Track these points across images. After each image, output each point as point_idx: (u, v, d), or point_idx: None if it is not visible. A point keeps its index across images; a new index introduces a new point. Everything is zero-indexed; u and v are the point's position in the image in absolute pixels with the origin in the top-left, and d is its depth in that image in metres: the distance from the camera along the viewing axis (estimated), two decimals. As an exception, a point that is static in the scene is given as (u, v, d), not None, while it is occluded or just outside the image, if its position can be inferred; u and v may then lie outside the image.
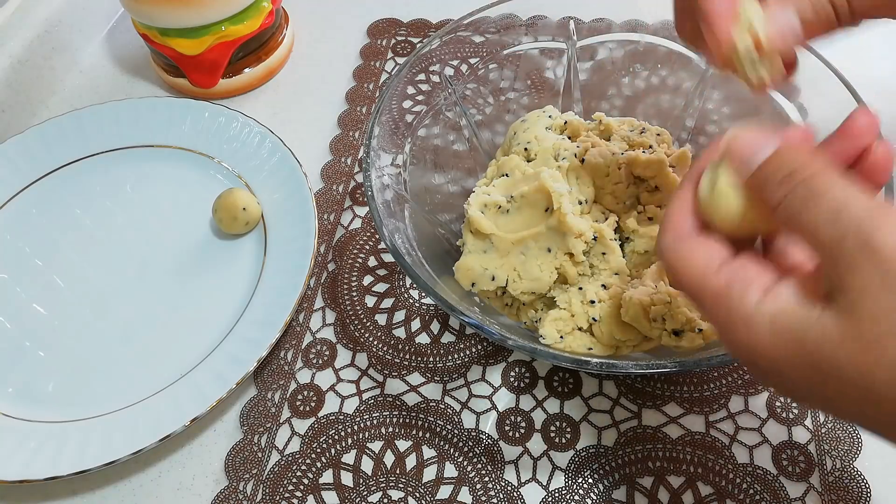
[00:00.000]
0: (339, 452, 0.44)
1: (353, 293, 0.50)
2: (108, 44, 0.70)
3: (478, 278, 0.42)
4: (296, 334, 0.49)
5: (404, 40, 0.67)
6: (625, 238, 0.44)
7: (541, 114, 0.49)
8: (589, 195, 0.43)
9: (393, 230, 0.41)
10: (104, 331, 0.49)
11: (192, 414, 0.43)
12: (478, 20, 0.49)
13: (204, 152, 0.58)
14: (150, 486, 0.43)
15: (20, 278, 0.52)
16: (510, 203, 0.42)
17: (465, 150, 0.51)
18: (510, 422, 0.44)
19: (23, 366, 0.48)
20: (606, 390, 0.45)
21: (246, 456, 0.44)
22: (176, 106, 0.59)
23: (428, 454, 0.43)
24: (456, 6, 0.58)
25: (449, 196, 0.50)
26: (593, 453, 0.43)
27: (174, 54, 0.60)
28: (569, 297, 0.41)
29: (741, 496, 0.41)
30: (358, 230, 0.54)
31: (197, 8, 0.57)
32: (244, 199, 0.52)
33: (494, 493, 0.42)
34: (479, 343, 0.47)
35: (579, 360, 0.36)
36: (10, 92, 0.62)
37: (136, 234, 0.54)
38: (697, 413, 0.44)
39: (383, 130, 0.45)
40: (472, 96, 0.52)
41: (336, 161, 0.58)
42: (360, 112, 0.62)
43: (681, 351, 0.39)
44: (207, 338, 0.48)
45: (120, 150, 0.58)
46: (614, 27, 0.51)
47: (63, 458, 0.42)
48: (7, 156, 0.57)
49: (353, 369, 0.47)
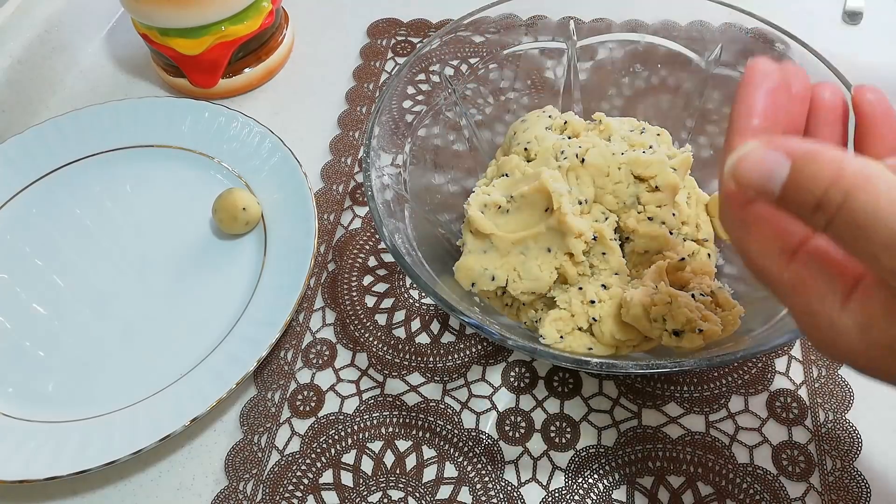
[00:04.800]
0: (339, 452, 0.44)
1: (353, 293, 0.50)
2: (108, 44, 0.70)
3: (478, 278, 0.42)
4: (296, 334, 0.49)
5: (404, 40, 0.67)
6: (625, 238, 0.44)
7: (541, 114, 0.48)
8: (589, 195, 0.43)
9: (393, 230, 0.41)
10: (104, 331, 0.49)
11: (192, 414, 0.43)
12: (478, 20, 0.49)
13: (204, 152, 0.58)
14: (150, 486, 0.43)
15: (20, 278, 0.52)
16: (510, 203, 0.42)
17: (465, 150, 0.51)
18: (510, 422, 0.44)
19: (23, 366, 0.48)
20: (606, 390, 0.45)
21: (246, 456, 0.44)
22: (176, 106, 0.59)
23: (428, 454, 0.43)
24: (456, 6, 0.58)
25: (449, 196, 0.50)
26: (593, 453, 0.43)
27: (174, 54, 0.60)
28: (569, 297, 0.41)
29: (741, 496, 0.41)
30: (358, 230, 0.54)
31: (197, 8, 0.57)
32: (244, 199, 0.52)
33: (494, 493, 0.42)
34: (479, 343, 0.47)
35: (579, 360, 0.35)
36: (10, 92, 0.62)
37: (136, 234, 0.54)
38: (697, 413, 0.44)
39: (383, 130, 0.45)
40: (472, 96, 0.52)
41: (336, 161, 0.58)
42: (360, 112, 0.62)
43: (681, 351, 0.39)
44: (207, 338, 0.48)
45: (120, 150, 0.58)
46: (614, 27, 0.51)
47: (63, 458, 0.42)
48: (7, 156, 0.57)
49: (353, 369, 0.47)
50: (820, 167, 0.22)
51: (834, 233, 0.22)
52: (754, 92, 0.27)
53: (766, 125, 0.27)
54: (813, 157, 0.23)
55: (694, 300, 0.39)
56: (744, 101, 0.27)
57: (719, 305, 0.40)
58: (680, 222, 0.44)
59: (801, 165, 0.23)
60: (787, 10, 0.66)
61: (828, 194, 0.22)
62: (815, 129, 0.30)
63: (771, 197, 0.24)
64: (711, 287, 0.41)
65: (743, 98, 0.27)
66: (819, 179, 0.22)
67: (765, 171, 0.23)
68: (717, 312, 0.40)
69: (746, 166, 0.24)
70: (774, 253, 0.26)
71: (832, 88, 0.30)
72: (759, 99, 0.27)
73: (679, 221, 0.44)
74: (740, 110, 0.27)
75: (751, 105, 0.27)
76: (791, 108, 0.29)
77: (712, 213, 0.46)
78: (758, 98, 0.27)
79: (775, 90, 0.27)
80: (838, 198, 0.22)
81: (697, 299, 0.39)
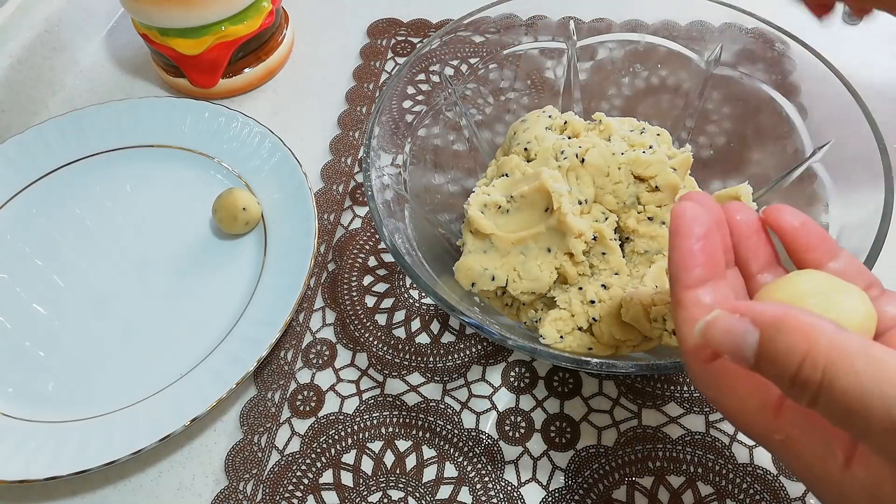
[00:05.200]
0: (339, 452, 0.44)
1: (353, 293, 0.50)
2: (108, 44, 0.70)
3: (478, 278, 0.42)
4: (296, 334, 0.49)
5: (404, 40, 0.67)
6: (625, 238, 0.44)
7: (541, 114, 0.48)
8: (589, 195, 0.43)
9: (393, 230, 0.41)
10: (104, 331, 0.49)
11: (192, 414, 0.43)
12: (478, 20, 0.49)
13: (204, 152, 0.58)
14: (150, 486, 0.43)
15: (20, 278, 0.52)
16: (510, 203, 0.42)
17: (465, 150, 0.51)
18: (510, 422, 0.44)
19: (23, 366, 0.48)
20: (606, 390, 0.45)
21: (246, 456, 0.44)
22: (176, 106, 0.59)
23: (428, 454, 0.43)
24: (456, 6, 0.58)
25: (449, 196, 0.50)
26: (593, 453, 0.43)
27: (174, 54, 0.60)
28: (569, 297, 0.41)
29: (741, 496, 0.41)
30: (358, 230, 0.54)
31: (197, 8, 0.57)
32: (244, 199, 0.52)
33: (494, 493, 0.42)
34: (479, 343, 0.47)
35: (579, 360, 0.35)
36: (10, 92, 0.62)
37: (136, 234, 0.54)
38: (697, 413, 0.44)
39: (383, 130, 0.45)
40: (472, 96, 0.52)
41: (336, 161, 0.58)
42: (360, 112, 0.62)
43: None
44: (207, 338, 0.48)
45: (120, 150, 0.58)
46: (614, 27, 0.51)
47: (63, 458, 0.42)
48: (7, 156, 0.57)
49: (353, 369, 0.47)
50: (790, 338, 0.21)
51: (822, 412, 0.21)
52: (686, 242, 0.27)
53: (707, 271, 0.27)
54: (780, 326, 0.22)
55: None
56: (679, 251, 0.27)
57: (719, 305, 0.40)
58: (680, 222, 0.44)
59: (771, 335, 0.22)
60: (787, 10, 0.66)
61: (803, 370, 0.21)
62: (742, 246, 0.30)
63: (746, 364, 0.23)
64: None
65: (677, 248, 0.27)
66: (791, 353, 0.21)
67: (735, 339, 0.23)
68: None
69: (715, 334, 0.23)
70: (755, 409, 0.25)
71: (741, 207, 0.31)
72: (694, 248, 0.27)
73: (679, 221, 0.44)
74: (678, 262, 0.27)
75: (686, 256, 0.27)
76: (722, 238, 0.29)
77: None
78: (692, 247, 0.27)
79: (707, 234, 0.27)
80: (815, 375, 0.21)
81: (697, 299, 0.39)
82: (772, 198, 0.46)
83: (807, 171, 0.44)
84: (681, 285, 0.27)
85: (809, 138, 0.45)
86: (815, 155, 0.44)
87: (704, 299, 0.26)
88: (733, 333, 0.23)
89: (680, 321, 0.27)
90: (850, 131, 0.41)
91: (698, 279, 0.27)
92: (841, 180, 0.42)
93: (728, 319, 0.23)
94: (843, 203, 0.41)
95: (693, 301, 0.26)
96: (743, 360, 0.23)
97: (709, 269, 0.27)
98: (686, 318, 0.26)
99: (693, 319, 0.26)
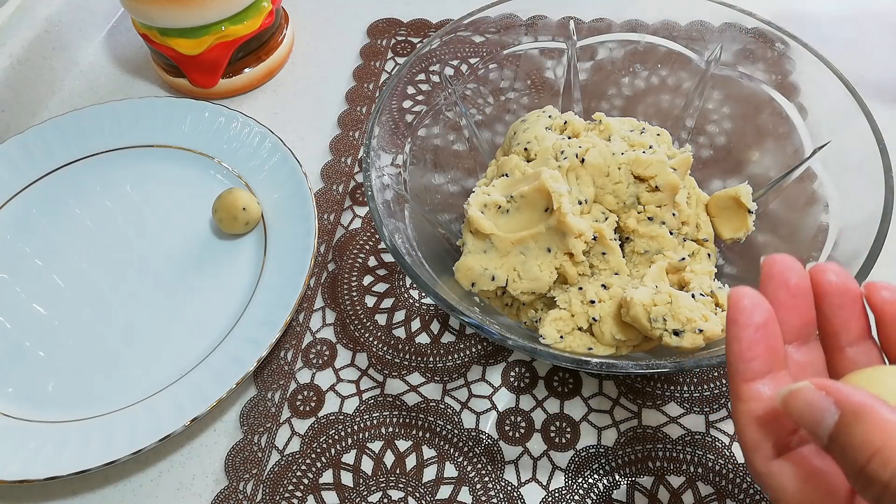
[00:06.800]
0: (339, 452, 0.44)
1: (353, 293, 0.50)
2: (108, 44, 0.70)
3: (478, 278, 0.42)
4: (296, 334, 0.49)
5: (404, 40, 0.67)
6: (625, 238, 0.44)
7: (541, 114, 0.48)
8: (589, 195, 0.43)
9: (393, 230, 0.41)
10: (104, 331, 0.49)
11: (192, 414, 0.43)
12: (478, 20, 0.49)
13: (204, 152, 0.58)
14: (150, 486, 0.43)
15: (20, 278, 0.52)
16: (510, 203, 0.42)
17: (465, 150, 0.51)
18: (510, 422, 0.44)
19: (23, 366, 0.48)
20: (606, 390, 0.45)
21: (246, 456, 0.44)
22: (176, 106, 0.59)
23: (428, 454, 0.43)
24: (456, 6, 0.58)
25: (449, 196, 0.50)
26: (593, 453, 0.43)
27: (174, 54, 0.60)
28: (569, 297, 0.41)
29: (741, 496, 0.41)
30: (358, 230, 0.54)
31: (197, 8, 0.57)
32: (244, 199, 0.52)
33: (494, 493, 0.42)
34: (479, 343, 0.47)
35: (579, 360, 0.35)
36: (10, 92, 0.62)
37: (136, 234, 0.54)
38: (697, 413, 0.44)
39: (383, 130, 0.45)
40: (472, 96, 0.52)
41: (336, 161, 0.58)
42: (360, 112, 0.62)
43: (681, 351, 0.39)
44: (207, 338, 0.48)
45: (120, 150, 0.58)
46: (614, 27, 0.51)
47: (63, 458, 0.42)
48: (7, 156, 0.57)
49: (353, 369, 0.47)
50: (867, 429, 0.21)
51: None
52: (745, 332, 0.26)
53: (767, 363, 0.26)
54: (861, 414, 0.22)
55: (694, 300, 0.39)
56: (737, 342, 0.26)
57: (719, 305, 0.40)
58: (680, 222, 0.44)
59: (849, 421, 0.22)
60: (787, 10, 0.66)
61: (872, 464, 0.21)
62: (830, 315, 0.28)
63: (819, 443, 0.23)
64: (711, 287, 0.41)
65: (736, 338, 0.26)
66: (865, 445, 0.21)
67: (814, 415, 0.23)
68: (717, 312, 0.40)
69: (797, 405, 0.23)
70: None
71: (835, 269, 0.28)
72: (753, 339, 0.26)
73: (679, 221, 0.44)
74: (737, 353, 0.26)
75: (745, 348, 0.26)
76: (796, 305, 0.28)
77: (712, 213, 0.46)
78: (751, 337, 0.26)
79: (766, 322, 0.26)
80: (884, 474, 0.21)
81: (697, 299, 0.39)
82: (772, 198, 0.46)
83: (807, 171, 0.44)
84: (740, 377, 0.26)
85: (809, 138, 0.45)
86: (814, 155, 0.44)
87: (764, 392, 0.26)
88: (815, 408, 0.23)
89: (738, 414, 0.26)
90: (850, 131, 0.41)
91: (758, 372, 0.26)
92: (841, 180, 0.42)
93: (813, 394, 0.23)
94: (843, 203, 0.41)
95: (753, 395, 0.26)
96: (817, 438, 0.23)
97: (769, 360, 0.26)
98: (744, 411, 0.26)
99: (751, 413, 0.26)
